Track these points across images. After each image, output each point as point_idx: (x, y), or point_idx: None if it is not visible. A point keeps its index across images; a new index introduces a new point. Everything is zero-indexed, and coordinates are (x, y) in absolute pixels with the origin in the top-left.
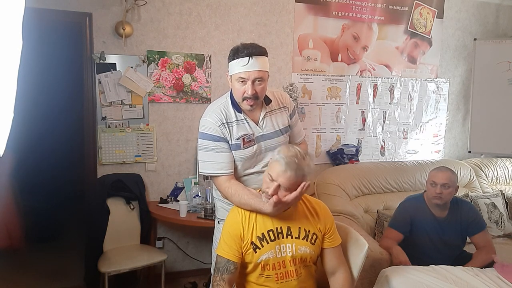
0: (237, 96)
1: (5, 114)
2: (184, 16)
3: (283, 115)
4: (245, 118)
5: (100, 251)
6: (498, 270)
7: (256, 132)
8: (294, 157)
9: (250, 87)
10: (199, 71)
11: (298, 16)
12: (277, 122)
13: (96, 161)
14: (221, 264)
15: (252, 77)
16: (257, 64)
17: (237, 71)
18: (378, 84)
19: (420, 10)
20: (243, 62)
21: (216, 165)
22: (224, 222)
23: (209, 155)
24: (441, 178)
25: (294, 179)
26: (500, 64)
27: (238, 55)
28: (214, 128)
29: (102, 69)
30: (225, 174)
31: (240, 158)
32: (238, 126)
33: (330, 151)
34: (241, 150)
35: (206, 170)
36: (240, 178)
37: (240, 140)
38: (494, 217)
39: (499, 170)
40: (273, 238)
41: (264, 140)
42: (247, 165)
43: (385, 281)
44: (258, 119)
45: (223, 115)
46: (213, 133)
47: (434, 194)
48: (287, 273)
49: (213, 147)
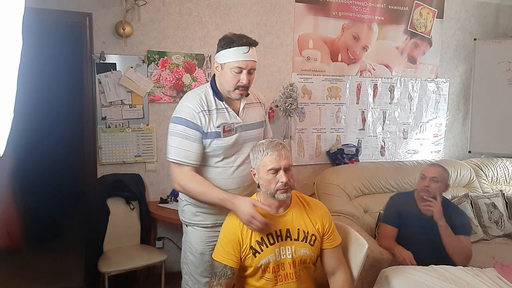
0: (230, 84)
1: (5, 114)
2: (184, 16)
3: (260, 109)
4: (225, 107)
5: (100, 251)
6: (498, 270)
7: (236, 121)
8: (270, 141)
9: (246, 76)
10: (199, 71)
11: (298, 16)
12: (255, 114)
13: (96, 161)
14: (218, 269)
15: (249, 66)
16: (254, 54)
17: (234, 60)
18: (378, 84)
19: (420, 10)
20: (242, 51)
21: (183, 153)
22: (222, 226)
23: (179, 142)
24: (431, 172)
25: (288, 154)
26: (500, 64)
27: (235, 44)
28: (192, 114)
29: (102, 69)
30: (190, 165)
31: (220, 147)
32: (218, 114)
33: (330, 151)
34: (222, 139)
35: (173, 157)
36: (214, 167)
37: (221, 128)
38: (494, 217)
39: (499, 170)
40: (273, 241)
41: (243, 131)
42: (227, 155)
43: (385, 281)
44: (238, 110)
45: (203, 102)
46: (189, 119)
47: (422, 187)
48: (287, 276)
49: (185, 133)
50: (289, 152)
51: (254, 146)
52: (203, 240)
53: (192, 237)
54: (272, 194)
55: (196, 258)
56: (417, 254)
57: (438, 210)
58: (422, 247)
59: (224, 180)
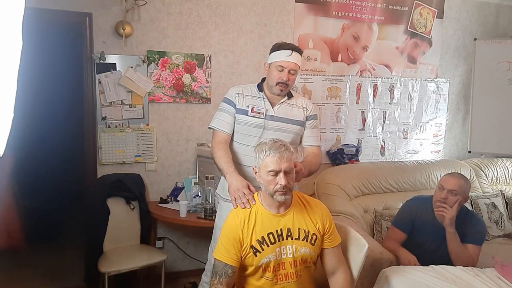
0: (273, 80)
1: (5, 114)
2: (184, 16)
3: (300, 111)
4: (263, 97)
5: (100, 251)
6: (498, 270)
7: (269, 111)
8: (273, 142)
9: (286, 74)
10: (199, 71)
11: (298, 16)
12: (292, 113)
13: (96, 161)
14: (219, 267)
15: (290, 67)
16: (296, 58)
17: (278, 59)
18: (378, 84)
19: (420, 10)
20: (286, 53)
21: (218, 122)
22: (223, 225)
23: (219, 114)
24: (450, 184)
25: (290, 157)
26: (500, 64)
27: (282, 47)
28: (231, 94)
29: (102, 69)
30: (222, 131)
31: (246, 123)
32: (253, 99)
33: (330, 151)
34: (247, 116)
35: (212, 124)
36: (240, 143)
37: (249, 108)
38: (494, 217)
39: (499, 170)
40: (274, 241)
41: (273, 120)
42: (253, 134)
43: (385, 281)
44: (275, 104)
45: (243, 88)
46: (228, 97)
47: (439, 198)
48: (287, 275)
49: (223, 108)
50: (292, 154)
51: (258, 144)
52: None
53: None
54: (271, 195)
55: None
56: (427, 263)
57: (450, 217)
58: (432, 256)
59: (244, 156)
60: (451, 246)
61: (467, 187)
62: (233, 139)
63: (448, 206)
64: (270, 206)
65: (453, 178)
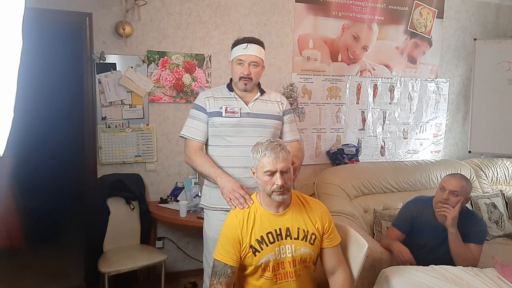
0: (235, 76)
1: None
2: (184, 16)
3: (275, 106)
4: (235, 96)
5: (100, 251)
6: (498, 270)
7: (243, 109)
8: (269, 142)
9: (247, 68)
10: (199, 71)
11: (298, 16)
12: (267, 108)
13: (96, 161)
14: (218, 268)
15: (249, 60)
16: (254, 50)
17: (237, 54)
18: (378, 84)
19: (420, 10)
20: (242, 47)
21: (190, 130)
22: (222, 225)
23: (190, 121)
24: (451, 185)
25: (287, 156)
26: (500, 64)
27: (239, 42)
28: (200, 100)
29: (102, 69)
30: (195, 140)
31: (220, 124)
32: (225, 100)
33: (330, 151)
34: (222, 117)
35: (183, 132)
36: (218, 146)
37: (223, 109)
38: (494, 217)
39: (499, 170)
40: (273, 240)
41: (250, 117)
42: (230, 134)
43: (385, 281)
44: (249, 101)
45: (212, 91)
46: (198, 103)
47: (440, 199)
48: (286, 274)
49: (193, 114)
50: (288, 153)
51: (255, 144)
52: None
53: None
54: (269, 195)
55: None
56: (428, 263)
57: (452, 217)
58: (433, 256)
59: (224, 158)
60: (453, 246)
61: (469, 188)
62: (208, 144)
63: (450, 207)
64: (269, 206)
65: (454, 179)
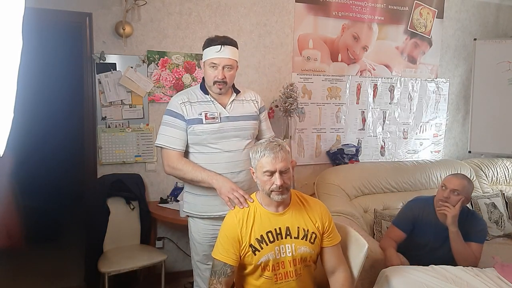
0: (208, 80)
1: (5, 114)
2: (184, 16)
3: (252, 105)
4: (211, 99)
5: (100, 251)
6: (498, 270)
7: (223, 113)
8: (268, 143)
9: (221, 72)
10: (199, 71)
11: (298, 16)
12: (245, 109)
13: (96, 161)
14: (218, 267)
15: (223, 63)
16: (228, 53)
17: (210, 57)
18: (378, 84)
19: (420, 10)
20: (216, 49)
21: (167, 139)
22: (222, 224)
23: (166, 129)
24: (453, 184)
25: (286, 156)
26: (500, 64)
27: (212, 43)
28: (176, 105)
29: (102, 69)
30: (175, 150)
31: (203, 132)
32: (202, 105)
33: (330, 151)
34: (203, 125)
35: (159, 142)
36: (202, 153)
37: (203, 115)
38: (494, 217)
39: (499, 170)
40: (272, 239)
41: (230, 121)
42: (213, 140)
43: (385, 281)
44: (226, 104)
45: (187, 95)
46: (174, 109)
47: (441, 197)
48: (286, 274)
49: (171, 122)
50: (287, 153)
51: (253, 145)
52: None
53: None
54: (268, 195)
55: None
56: (429, 263)
57: (452, 215)
58: (434, 256)
59: (212, 165)
60: (454, 245)
61: (470, 188)
62: (189, 152)
63: (450, 205)
64: (268, 205)
65: (456, 178)
